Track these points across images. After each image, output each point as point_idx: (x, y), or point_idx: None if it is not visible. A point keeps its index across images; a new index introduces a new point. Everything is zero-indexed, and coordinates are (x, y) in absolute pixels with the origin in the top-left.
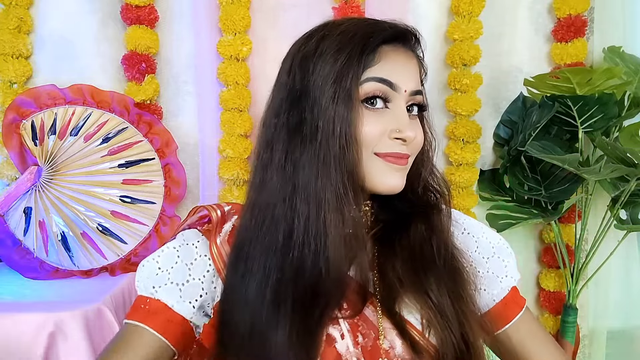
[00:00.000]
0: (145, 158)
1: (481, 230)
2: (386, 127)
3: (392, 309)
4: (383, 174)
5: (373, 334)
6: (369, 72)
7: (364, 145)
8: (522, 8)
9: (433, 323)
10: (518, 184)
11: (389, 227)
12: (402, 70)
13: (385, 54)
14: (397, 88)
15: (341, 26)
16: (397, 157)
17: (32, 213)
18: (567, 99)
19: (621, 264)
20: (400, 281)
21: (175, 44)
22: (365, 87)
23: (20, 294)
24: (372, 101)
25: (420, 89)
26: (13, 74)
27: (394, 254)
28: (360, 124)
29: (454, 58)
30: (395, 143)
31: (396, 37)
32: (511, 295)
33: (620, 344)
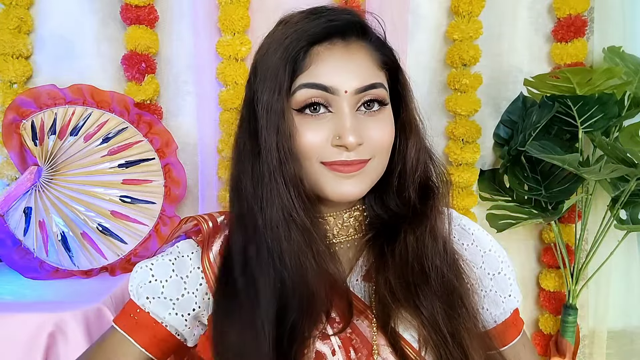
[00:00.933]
0: (145, 158)
1: (490, 244)
2: (328, 134)
3: (387, 324)
4: (331, 183)
5: (366, 350)
6: (300, 79)
7: (306, 156)
8: (522, 8)
9: (429, 342)
10: (518, 184)
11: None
12: (339, 70)
13: (317, 56)
14: (334, 90)
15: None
16: (343, 164)
17: (32, 213)
18: (567, 99)
19: (621, 264)
20: (394, 295)
21: (175, 44)
22: (299, 95)
23: (20, 294)
24: (314, 107)
25: (372, 82)
26: (13, 74)
27: (386, 266)
28: (298, 134)
29: (453, 58)
30: (339, 150)
31: (330, 33)
32: (512, 318)
33: (620, 344)
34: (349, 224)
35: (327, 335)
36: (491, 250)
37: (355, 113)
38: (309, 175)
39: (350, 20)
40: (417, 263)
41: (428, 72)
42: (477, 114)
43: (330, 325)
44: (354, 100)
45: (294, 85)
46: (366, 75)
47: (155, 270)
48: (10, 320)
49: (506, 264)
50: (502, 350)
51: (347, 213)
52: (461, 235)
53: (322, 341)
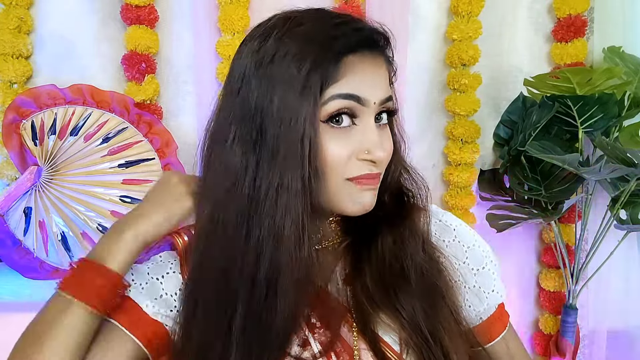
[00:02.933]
0: (145, 158)
1: (473, 239)
2: (354, 147)
3: (366, 328)
4: (354, 197)
5: (347, 355)
6: (334, 89)
7: (332, 170)
8: (521, 8)
9: (410, 344)
10: (518, 184)
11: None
12: (371, 81)
13: (351, 66)
14: (365, 102)
15: (300, 26)
16: (369, 177)
17: (32, 213)
18: (567, 99)
19: (621, 264)
20: (371, 299)
21: (175, 44)
22: (331, 105)
23: (20, 294)
24: (337, 119)
25: (390, 94)
26: (13, 74)
27: (363, 270)
28: (326, 146)
29: (452, 58)
30: (364, 164)
31: (362, 43)
32: (497, 313)
33: (620, 344)
34: (331, 229)
35: (307, 342)
36: (474, 245)
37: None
38: (329, 189)
39: (376, 32)
40: (395, 263)
41: (428, 72)
42: (476, 114)
43: (311, 332)
44: (376, 110)
45: (325, 95)
46: (387, 87)
47: (135, 275)
48: (10, 320)
49: (490, 259)
50: (489, 345)
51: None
52: (442, 231)
53: (303, 348)
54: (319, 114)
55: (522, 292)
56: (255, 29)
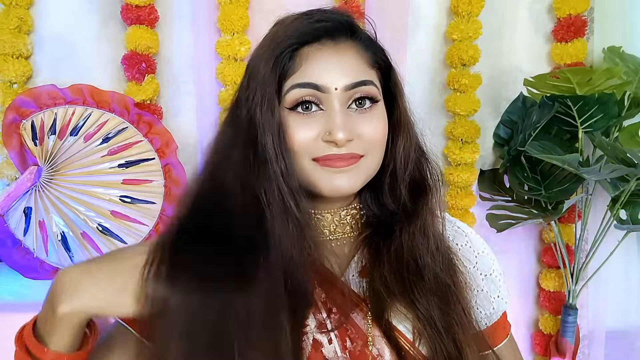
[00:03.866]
0: (145, 158)
1: (483, 246)
2: (319, 130)
3: (381, 317)
4: (324, 179)
5: (361, 341)
6: (292, 79)
7: (298, 153)
8: (521, 8)
9: (423, 334)
10: (518, 184)
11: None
12: (329, 68)
13: (307, 56)
14: (324, 88)
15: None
16: (334, 159)
17: (32, 213)
18: (567, 99)
19: (621, 264)
20: (388, 290)
21: (175, 44)
22: (292, 94)
23: (20, 294)
24: (306, 106)
25: (361, 79)
26: (13, 74)
27: (381, 262)
28: (290, 132)
29: (452, 58)
30: (329, 145)
31: (319, 35)
32: (502, 320)
33: (620, 344)
34: (345, 221)
35: (324, 325)
36: (484, 252)
37: (346, 110)
38: (302, 172)
39: (338, 21)
40: (412, 260)
41: (428, 72)
42: (476, 114)
43: (328, 316)
44: (344, 97)
45: (286, 86)
46: (355, 73)
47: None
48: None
49: (497, 267)
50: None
51: (345, 211)
52: (455, 236)
53: (320, 330)
54: (282, 104)
55: (522, 292)
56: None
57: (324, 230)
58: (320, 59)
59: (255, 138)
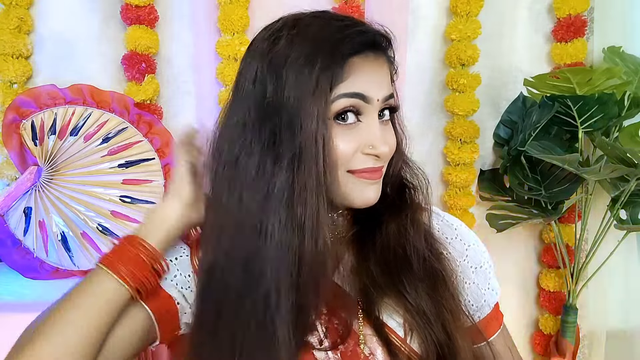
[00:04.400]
0: (145, 158)
1: (473, 238)
2: (359, 142)
3: (371, 313)
4: (359, 190)
5: (353, 340)
6: (340, 88)
7: (336, 164)
8: (521, 8)
9: (414, 327)
10: (518, 184)
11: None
12: (374, 80)
13: (356, 66)
14: (369, 100)
15: (308, 28)
16: (371, 171)
17: (32, 213)
18: (567, 99)
19: (621, 264)
20: (376, 284)
21: (175, 44)
22: (338, 103)
23: (20, 294)
24: (344, 116)
25: (391, 92)
26: (13, 74)
27: (367, 256)
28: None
29: (451, 58)
30: (369, 158)
31: (367, 45)
32: (494, 312)
33: (620, 344)
34: (338, 222)
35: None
36: (474, 244)
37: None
38: (334, 183)
39: (378, 34)
40: (398, 249)
41: (428, 72)
42: (476, 114)
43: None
44: (379, 107)
45: (333, 94)
46: (389, 85)
47: None
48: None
49: (487, 259)
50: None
51: (339, 212)
52: (445, 229)
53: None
54: (329, 113)
55: (522, 292)
56: (262, 32)
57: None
58: (366, 69)
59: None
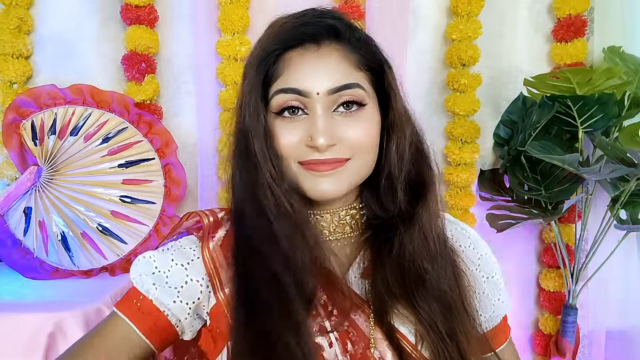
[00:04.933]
0: (145, 158)
1: (486, 248)
2: (302, 134)
3: (383, 319)
4: (309, 183)
5: (363, 344)
6: (277, 84)
7: (284, 156)
8: (521, 8)
9: (426, 337)
10: (518, 184)
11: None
12: (311, 73)
13: (290, 61)
14: (306, 93)
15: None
16: (316, 163)
17: (32, 213)
18: (567, 99)
19: (621, 264)
20: (390, 292)
21: (175, 44)
22: (276, 99)
23: (20, 294)
24: (292, 110)
25: (345, 83)
26: (13, 74)
27: (383, 263)
28: (277, 135)
29: (452, 58)
30: (312, 150)
31: (302, 39)
32: (502, 324)
33: (620, 344)
34: (345, 221)
35: (324, 328)
36: (487, 254)
37: (331, 114)
38: (290, 175)
39: (321, 25)
40: (412, 266)
41: (428, 72)
42: (476, 114)
43: (328, 319)
44: (328, 101)
45: (271, 91)
46: (339, 77)
47: (158, 261)
48: (10, 320)
49: (498, 270)
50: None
51: (344, 211)
52: (459, 237)
53: (320, 334)
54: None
55: (522, 292)
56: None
57: (323, 231)
58: (302, 63)
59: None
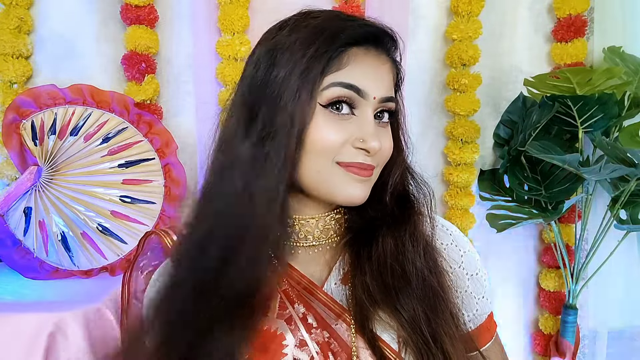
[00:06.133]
0: (145, 158)
1: (468, 244)
2: (350, 135)
3: (365, 326)
4: (344, 184)
5: (345, 354)
6: (336, 76)
7: (324, 152)
8: (522, 8)
9: (409, 343)
10: (518, 184)
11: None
12: (373, 76)
13: (355, 57)
14: (364, 95)
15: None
16: (360, 167)
17: (32, 213)
18: (567, 99)
19: (621, 264)
20: (371, 298)
21: (175, 44)
22: (331, 91)
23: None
24: (338, 106)
25: (391, 95)
26: (13, 74)
27: (363, 269)
28: (321, 129)
29: (452, 58)
30: (359, 153)
31: (368, 38)
32: (487, 322)
33: (620, 344)
34: (330, 226)
35: (304, 342)
36: (470, 250)
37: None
38: (321, 173)
39: (387, 31)
40: (397, 266)
41: (428, 72)
42: (477, 114)
43: (308, 332)
44: (376, 107)
45: (326, 81)
46: (389, 87)
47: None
48: (10, 320)
49: (482, 266)
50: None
51: (329, 216)
52: (440, 234)
53: (300, 348)
54: (316, 97)
55: (522, 292)
56: (274, 25)
57: (307, 236)
58: (366, 63)
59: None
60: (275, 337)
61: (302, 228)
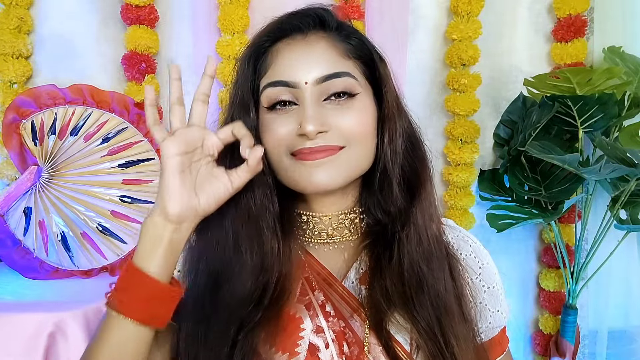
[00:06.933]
0: (145, 158)
1: (487, 257)
2: (294, 125)
3: (379, 325)
4: (302, 175)
5: (358, 347)
6: (265, 78)
7: (276, 149)
8: (521, 8)
9: (422, 346)
10: (518, 184)
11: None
12: (298, 63)
13: (278, 52)
14: (294, 84)
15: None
16: (310, 152)
17: (32, 213)
18: (567, 99)
19: (621, 264)
20: (389, 301)
21: (175, 44)
22: (266, 94)
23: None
24: (284, 103)
25: (333, 72)
26: (13, 74)
27: (383, 272)
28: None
29: (452, 58)
30: (302, 139)
31: (286, 29)
32: (499, 337)
33: (620, 344)
34: (343, 225)
35: (321, 329)
36: (488, 263)
37: (321, 103)
38: (284, 171)
39: (307, 15)
40: (412, 274)
41: (428, 72)
42: (476, 114)
43: (326, 319)
44: (317, 90)
45: (261, 85)
46: (328, 65)
47: None
48: (10, 320)
49: (499, 280)
50: None
51: (343, 215)
52: (460, 245)
53: (316, 334)
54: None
55: (522, 292)
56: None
57: (321, 233)
58: (289, 54)
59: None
60: (294, 320)
61: (317, 225)
